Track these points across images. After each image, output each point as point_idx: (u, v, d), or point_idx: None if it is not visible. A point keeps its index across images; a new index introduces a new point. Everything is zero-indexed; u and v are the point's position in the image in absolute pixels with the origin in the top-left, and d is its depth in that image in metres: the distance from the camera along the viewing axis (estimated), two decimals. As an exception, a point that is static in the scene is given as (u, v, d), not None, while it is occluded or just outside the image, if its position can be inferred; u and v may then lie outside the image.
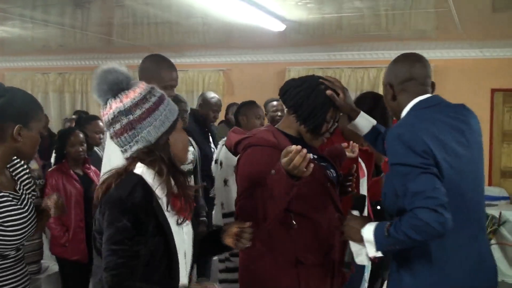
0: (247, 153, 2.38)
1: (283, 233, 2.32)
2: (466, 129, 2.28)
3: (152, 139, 1.89)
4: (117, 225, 1.79)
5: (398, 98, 2.38)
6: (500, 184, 8.25)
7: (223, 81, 9.42)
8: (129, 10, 6.00)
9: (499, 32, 7.03)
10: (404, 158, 2.11)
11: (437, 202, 2.00)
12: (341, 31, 7.04)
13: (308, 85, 2.44)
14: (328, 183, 2.44)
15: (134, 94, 1.91)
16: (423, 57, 2.45)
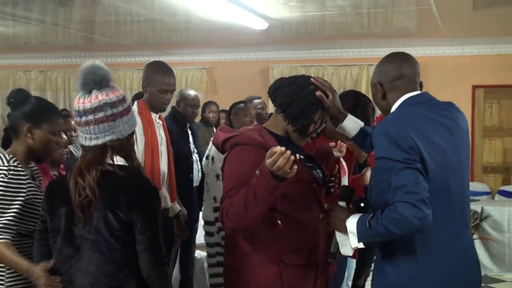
0: (233, 152, 2.38)
1: (267, 232, 2.32)
2: (453, 127, 2.30)
3: (125, 134, 2.21)
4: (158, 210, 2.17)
5: (388, 96, 2.39)
6: (482, 180, 8.35)
7: (206, 79, 9.42)
8: (111, 8, 5.98)
9: (480, 29, 7.11)
10: (389, 152, 2.13)
11: (418, 197, 2.02)
12: (323, 29, 7.07)
13: (298, 85, 2.43)
14: (314, 184, 2.44)
15: (119, 93, 2.24)
16: (412, 56, 2.47)
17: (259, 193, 2.12)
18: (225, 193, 2.30)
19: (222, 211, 2.26)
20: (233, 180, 2.28)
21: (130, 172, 2.19)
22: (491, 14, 6.17)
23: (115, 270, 2.11)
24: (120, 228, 2.10)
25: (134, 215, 2.09)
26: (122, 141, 2.20)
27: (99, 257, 2.10)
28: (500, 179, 8.37)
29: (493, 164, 8.42)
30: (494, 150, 8.40)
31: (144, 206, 2.12)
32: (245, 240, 2.35)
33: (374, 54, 8.26)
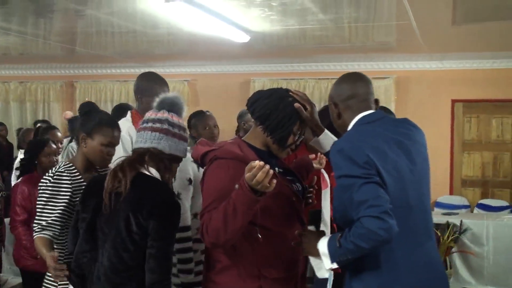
0: (212, 166, 2.37)
1: (247, 246, 2.32)
2: (407, 142, 2.36)
3: (169, 150, 2.45)
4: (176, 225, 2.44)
5: (343, 116, 2.45)
6: (461, 193, 8.42)
7: (188, 91, 9.40)
8: (92, 20, 5.95)
9: (459, 44, 7.21)
10: (347, 170, 2.18)
11: (380, 210, 2.06)
12: (305, 42, 7.11)
13: (276, 97, 2.45)
14: (294, 197, 2.45)
15: (182, 122, 2.55)
16: (365, 75, 2.54)
17: (238, 207, 2.12)
18: (204, 207, 2.29)
19: (202, 226, 2.25)
20: (212, 194, 2.28)
21: (160, 184, 2.41)
22: (469, 29, 6.26)
23: (123, 269, 2.31)
24: (136, 231, 2.30)
25: (151, 223, 2.28)
26: (164, 156, 2.43)
27: (113, 253, 2.32)
28: (479, 192, 8.44)
29: (472, 177, 8.49)
30: (473, 164, 8.48)
31: (162, 217, 2.30)
32: (225, 254, 2.35)
33: (355, 68, 8.33)
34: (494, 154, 8.38)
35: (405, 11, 5.08)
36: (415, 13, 5.22)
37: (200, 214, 2.33)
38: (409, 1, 4.76)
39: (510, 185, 8.32)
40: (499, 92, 8.05)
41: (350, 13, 5.47)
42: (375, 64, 8.42)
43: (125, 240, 2.31)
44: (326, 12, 5.40)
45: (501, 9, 5.18)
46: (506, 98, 8.08)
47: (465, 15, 5.52)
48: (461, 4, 5.08)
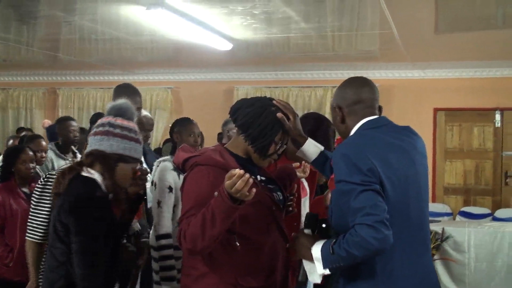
0: (193, 172, 2.36)
1: (224, 254, 2.30)
2: (411, 150, 2.33)
3: (112, 150, 2.44)
4: (95, 218, 2.37)
5: (347, 120, 2.41)
6: (443, 201, 8.48)
7: (171, 99, 9.39)
8: (76, 27, 5.93)
9: (441, 53, 7.27)
10: (348, 175, 2.15)
11: (376, 219, 2.03)
12: (288, 51, 7.14)
13: (259, 105, 2.44)
14: (274, 207, 2.44)
15: (127, 123, 2.53)
16: (371, 81, 2.49)
17: (217, 214, 2.11)
18: (183, 214, 2.28)
19: (179, 232, 2.24)
20: (192, 201, 2.27)
21: (85, 181, 2.40)
22: (452, 39, 6.32)
23: (56, 265, 2.36)
24: (60, 229, 2.33)
25: (71, 219, 2.30)
26: (106, 156, 2.44)
27: (49, 251, 2.42)
28: (461, 200, 8.51)
29: (454, 185, 8.56)
30: (455, 172, 8.55)
31: (79, 212, 2.31)
32: (202, 261, 2.33)
33: (338, 76, 8.38)
34: (476, 162, 8.46)
35: (387, 20, 5.12)
36: (397, 23, 5.27)
37: (179, 219, 2.32)
38: (391, 11, 4.79)
39: (491, 193, 8.40)
40: (480, 101, 8.13)
41: (333, 22, 5.51)
42: (358, 72, 8.36)
43: (54, 238, 2.37)
44: (309, 21, 5.42)
45: (482, 19, 5.24)
46: (488, 107, 8.17)
47: (447, 25, 5.58)
48: (443, 14, 5.13)
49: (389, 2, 4.55)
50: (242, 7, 4.91)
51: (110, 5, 4.93)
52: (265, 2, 4.73)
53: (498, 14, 5.07)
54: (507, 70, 8.01)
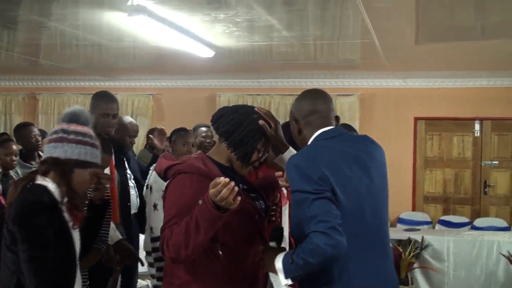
0: (175, 180, 2.35)
1: (207, 262, 2.30)
2: (366, 159, 2.38)
3: (67, 156, 2.38)
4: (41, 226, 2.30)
5: (303, 132, 2.47)
6: (423, 209, 8.54)
7: (153, 105, 9.35)
8: (57, 32, 5.88)
9: (422, 63, 7.34)
10: (300, 185, 2.20)
11: (328, 225, 2.08)
12: (270, 58, 7.15)
13: (241, 113, 2.44)
14: (256, 215, 2.44)
15: (81, 128, 2.46)
16: (325, 92, 2.57)
17: (201, 223, 2.10)
18: (166, 222, 2.27)
19: (162, 240, 2.23)
20: (174, 209, 2.26)
21: (31, 189, 2.34)
22: (432, 49, 6.38)
23: (10, 274, 2.31)
24: (8, 237, 2.29)
25: (15, 227, 2.26)
26: (61, 162, 2.38)
27: (2, 260, 2.36)
28: (441, 209, 8.58)
29: (434, 194, 8.63)
30: (434, 181, 8.62)
31: (23, 221, 2.26)
32: (184, 270, 2.32)
33: (320, 85, 8.41)
34: (455, 171, 8.55)
35: (368, 30, 5.16)
36: (378, 32, 5.31)
37: (161, 228, 2.30)
38: (372, 21, 4.83)
39: (470, 202, 8.48)
40: (460, 110, 8.22)
41: (315, 31, 5.53)
42: (340, 81, 8.52)
43: (3, 247, 2.34)
44: (291, 30, 5.45)
45: (462, 30, 5.30)
46: (467, 117, 8.26)
47: (427, 35, 5.63)
48: (423, 24, 5.18)
49: (371, 12, 4.59)
50: (225, 15, 4.92)
51: (91, 11, 4.91)
52: (247, 10, 4.75)
53: (477, 25, 5.13)
54: (486, 80, 8.12)
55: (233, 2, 4.52)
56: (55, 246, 2.26)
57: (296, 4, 4.60)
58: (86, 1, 4.71)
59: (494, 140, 8.39)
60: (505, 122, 8.29)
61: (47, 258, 2.25)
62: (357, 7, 4.39)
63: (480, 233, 7.13)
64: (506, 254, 6.23)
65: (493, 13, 4.70)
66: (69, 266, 2.34)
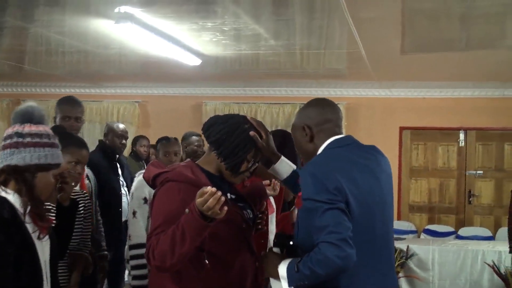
0: (163, 188, 2.34)
1: (193, 272, 2.29)
2: (376, 169, 2.37)
3: (27, 162, 2.18)
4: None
5: (315, 139, 2.45)
6: (408, 218, 8.58)
7: (139, 112, 9.32)
8: (42, 38, 5.85)
9: (407, 73, 7.39)
10: (315, 194, 2.18)
11: (339, 237, 2.06)
12: (257, 67, 7.17)
13: (232, 123, 2.43)
14: (244, 224, 2.44)
15: (37, 128, 2.25)
16: (334, 102, 2.57)
17: (187, 232, 2.09)
18: (152, 230, 2.26)
19: (148, 248, 2.21)
20: (161, 217, 2.25)
21: None
22: (417, 59, 6.43)
23: None
24: None
25: None
26: (22, 169, 2.18)
27: None
28: (426, 218, 8.62)
29: (419, 203, 8.67)
30: (420, 190, 8.67)
31: None
32: (170, 279, 2.31)
33: (306, 94, 8.44)
34: (440, 181, 8.60)
35: (355, 40, 5.19)
36: (364, 43, 5.34)
37: (147, 236, 2.29)
38: (358, 31, 4.86)
39: (455, 211, 8.53)
40: (445, 120, 8.29)
41: (302, 40, 5.55)
42: (326, 90, 8.55)
43: None
44: (278, 39, 5.46)
45: (446, 41, 5.35)
46: (452, 127, 8.33)
47: (413, 45, 5.68)
48: (409, 35, 5.22)
49: (357, 23, 4.61)
50: (212, 23, 4.92)
51: (78, 18, 4.89)
52: (234, 19, 4.75)
53: (462, 36, 5.18)
54: (471, 90, 8.19)
55: (221, 10, 4.53)
56: (17, 263, 2.10)
57: (283, 14, 4.61)
58: (73, 8, 4.68)
59: (479, 150, 8.46)
60: (489, 132, 8.37)
61: (8, 276, 2.07)
62: (344, 17, 4.41)
63: (465, 242, 7.17)
64: (490, 264, 6.27)
65: (477, 25, 4.75)
66: (34, 281, 2.18)
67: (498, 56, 5.93)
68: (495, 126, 8.23)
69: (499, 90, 8.08)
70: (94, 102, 9.38)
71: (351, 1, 4.01)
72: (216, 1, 4.30)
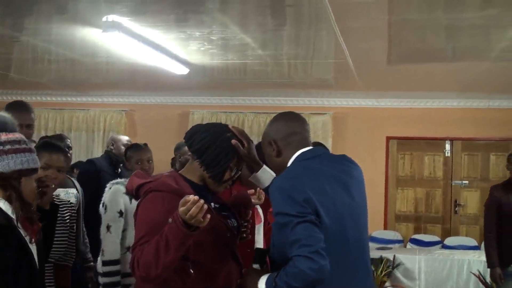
0: (147, 198, 2.33)
1: (178, 281, 2.28)
2: (347, 179, 2.40)
3: (9, 169, 2.23)
4: None
5: (283, 153, 2.47)
6: (395, 228, 8.60)
7: (125, 121, 9.28)
8: (28, 46, 5.82)
9: (394, 83, 7.43)
10: (284, 207, 2.21)
11: (311, 249, 2.09)
12: (244, 76, 7.18)
13: (214, 131, 2.44)
14: (228, 233, 2.44)
15: (6, 136, 2.29)
16: (299, 114, 2.59)
17: (171, 241, 2.09)
18: (136, 240, 2.25)
19: (133, 259, 2.20)
20: (145, 228, 2.24)
21: None
22: (404, 70, 6.47)
23: None
24: None
25: None
26: (5, 176, 2.24)
27: None
28: (412, 227, 8.65)
29: (405, 213, 8.70)
30: (406, 200, 8.70)
31: None
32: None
33: (294, 103, 8.47)
34: (426, 191, 8.64)
35: (342, 50, 5.22)
36: (351, 53, 5.37)
37: (132, 247, 2.28)
38: (346, 41, 4.89)
39: (441, 221, 8.57)
40: (431, 130, 8.34)
41: (289, 50, 5.57)
42: (313, 100, 8.58)
43: None
44: (266, 49, 5.48)
45: (433, 52, 5.39)
46: (438, 137, 8.39)
47: (399, 56, 5.72)
48: (396, 45, 5.26)
49: (344, 33, 4.64)
50: (200, 33, 4.92)
51: (66, 26, 4.87)
52: (222, 28, 4.76)
53: (448, 47, 5.23)
54: (457, 101, 8.26)
55: (208, 20, 4.53)
56: (15, 267, 2.16)
57: (271, 24, 4.63)
58: (60, 16, 4.66)
59: (464, 160, 8.52)
60: (474, 143, 8.43)
61: (7, 280, 2.14)
62: (331, 28, 4.43)
63: (451, 252, 7.21)
64: (476, 273, 6.30)
65: (462, 36, 4.80)
66: (32, 284, 2.25)
67: (483, 67, 5.99)
68: (480, 137, 8.30)
69: (484, 101, 8.16)
70: (80, 111, 9.35)
71: (339, 12, 4.03)
72: (204, 11, 4.30)
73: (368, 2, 3.89)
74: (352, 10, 4.09)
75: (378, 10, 4.08)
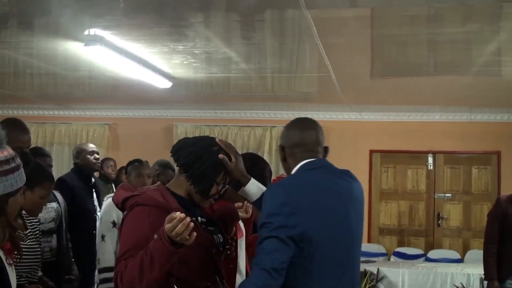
0: (133, 212, 2.30)
1: (162, 298, 2.26)
2: (344, 193, 2.38)
3: None
4: None
5: (288, 160, 2.47)
6: (379, 241, 8.61)
7: (108, 135, 9.23)
8: (10, 60, 5.77)
9: (377, 97, 7.48)
10: (267, 213, 2.23)
11: (266, 265, 2.12)
12: (228, 90, 7.18)
13: (201, 145, 2.41)
14: (213, 249, 2.41)
15: (2, 154, 2.09)
16: (316, 122, 2.56)
17: (155, 257, 2.06)
18: (120, 255, 2.21)
19: (116, 273, 2.17)
20: (130, 242, 2.21)
21: None
22: (386, 84, 6.52)
23: None
24: None
25: None
26: None
27: None
28: (396, 240, 8.66)
29: (389, 226, 8.72)
30: (390, 213, 8.72)
31: None
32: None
33: (277, 117, 8.48)
34: (409, 204, 8.67)
35: (325, 64, 5.24)
36: (334, 67, 5.39)
37: (116, 261, 2.25)
38: (329, 55, 4.91)
39: (424, 234, 8.60)
40: (414, 144, 8.39)
41: (273, 64, 5.59)
42: (297, 113, 8.57)
43: None
44: (249, 62, 5.49)
45: (415, 66, 5.44)
46: (421, 150, 8.43)
47: (382, 70, 5.76)
48: (378, 59, 5.30)
49: (327, 47, 4.67)
50: (183, 47, 4.92)
51: (47, 40, 4.85)
52: (206, 42, 4.77)
53: (429, 62, 5.28)
54: (439, 114, 8.32)
55: (192, 34, 4.53)
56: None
57: (254, 38, 4.64)
58: (42, 30, 4.64)
59: (447, 173, 8.57)
60: (457, 156, 8.49)
61: None
62: (314, 42, 4.45)
63: (434, 265, 7.23)
64: (459, 286, 6.31)
65: (444, 51, 4.85)
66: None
67: (465, 82, 6.05)
68: (462, 150, 8.36)
69: (466, 115, 8.23)
70: (63, 124, 9.28)
71: (321, 26, 4.06)
72: (187, 25, 4.30)
73: (350, 17, 3.92)
74: (334, 25, 4.11)
75: (361, 25, 4.11)
